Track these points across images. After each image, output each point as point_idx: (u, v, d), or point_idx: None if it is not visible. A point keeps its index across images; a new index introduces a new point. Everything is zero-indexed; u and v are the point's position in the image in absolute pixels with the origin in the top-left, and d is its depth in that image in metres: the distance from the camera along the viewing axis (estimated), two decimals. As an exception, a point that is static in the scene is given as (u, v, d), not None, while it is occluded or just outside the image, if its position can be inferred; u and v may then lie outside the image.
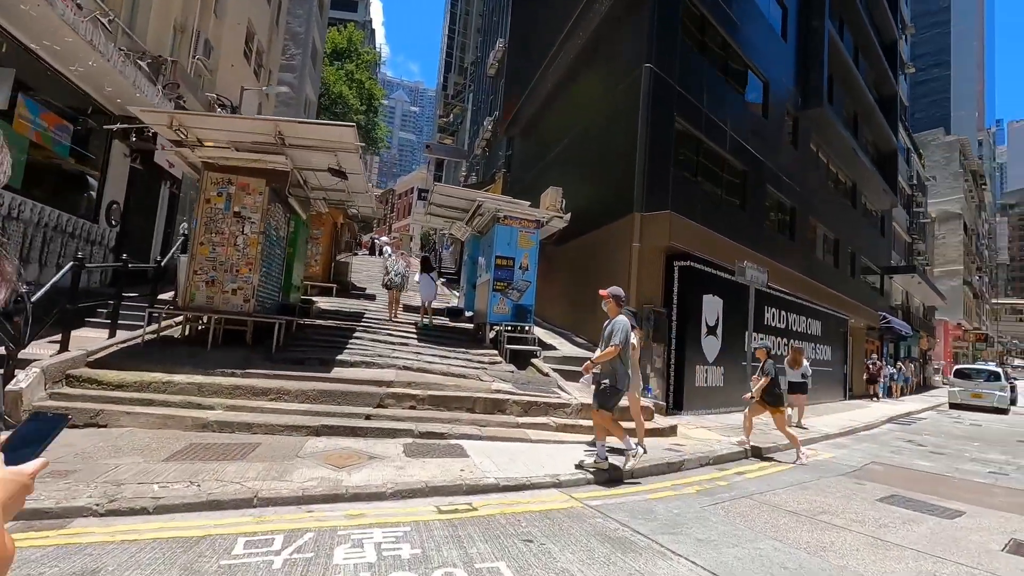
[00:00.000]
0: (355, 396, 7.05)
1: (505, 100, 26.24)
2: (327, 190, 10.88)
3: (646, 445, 7.33)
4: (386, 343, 10.06)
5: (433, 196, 11.70)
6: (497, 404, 7.45)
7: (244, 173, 8.76)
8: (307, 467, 5.00)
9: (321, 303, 13.72)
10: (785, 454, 8.38)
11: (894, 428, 14.37)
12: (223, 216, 8.73)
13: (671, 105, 12.12)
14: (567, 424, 7.41)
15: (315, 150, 8.61)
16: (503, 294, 11.22)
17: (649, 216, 11.21)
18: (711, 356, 12.10)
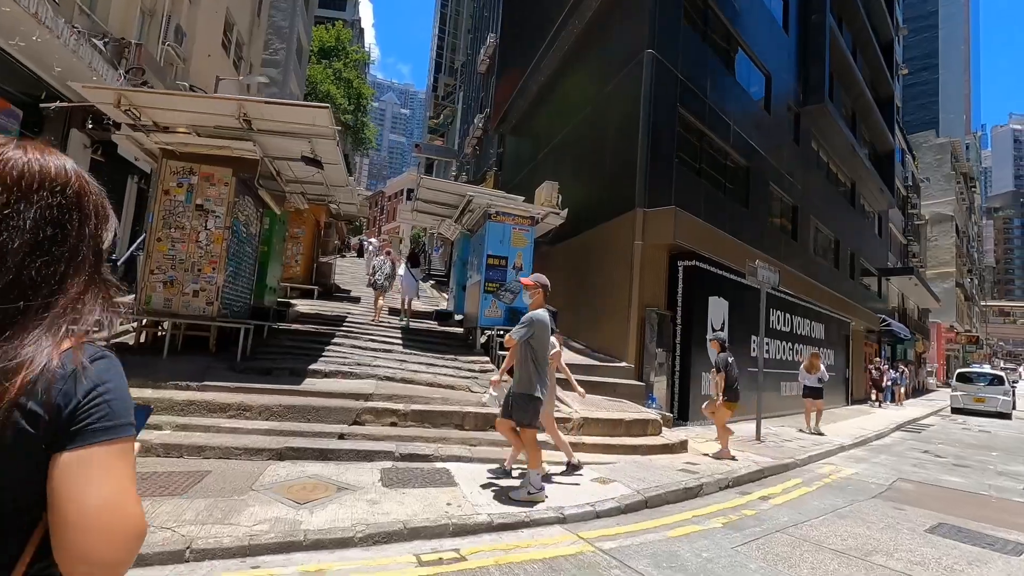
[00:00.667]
0: (328, 412, 6.19)
1: (496, 96, 25.47)
2: (304, 183, 10.00)
3: (660, 464, 6.55)
4: (367, 350, 9.20)
5: (420, 191, 10.86)
6: (489, 420, 6.60)
7: (208, 162, 7.89)
8: (261, 503, 4.14)
9: (300, 306, 12.82)
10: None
11: (905, 437, 13.72)
12: (184, 209, 7.85)
13: (674, 94, 11.40)
14: (570, 442, 6.58)
15: (287, 136, 7.74)
16: (495, 296, 10.40)
17: (652, 212, 10.46)
18: (717, 362, 11.34)
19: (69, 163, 0.84)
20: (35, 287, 0.76)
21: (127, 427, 0.78)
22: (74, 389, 0.74)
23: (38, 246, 0.77)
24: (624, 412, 7.84)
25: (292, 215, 15.22)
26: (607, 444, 6.80)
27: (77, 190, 0.82)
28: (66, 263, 0.79)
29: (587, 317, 12.24)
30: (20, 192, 0.77)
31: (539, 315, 4.97)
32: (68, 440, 0.73)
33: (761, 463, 7.47)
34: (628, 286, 10.39)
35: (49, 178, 0.80)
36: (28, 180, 0.78)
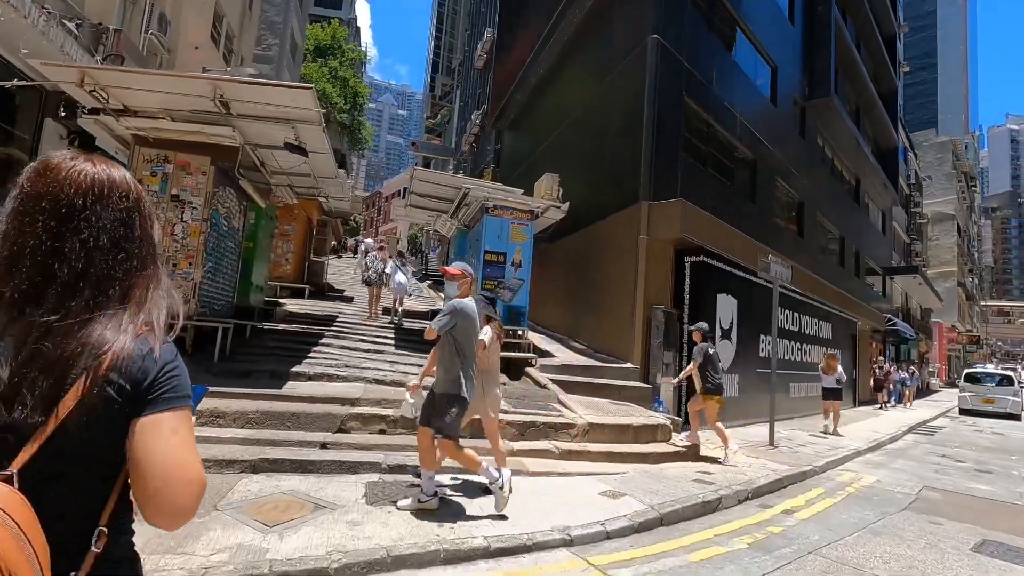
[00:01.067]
0: (310, 418, 5.65)
1: (493, 91, 24.95)
2: (290, 175, 9.47)
3: (672, 473, 6.02)
4: (357, 351, 8.66)
5: (414, 184, 10.33)
6: (487, 426, 6.07)
7: (184, 149, 7.37)
8: (224, 526, 3.60)
9: (290, 306, 12.28)
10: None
11: (919, 440, 13.23)
12: (158, 200, 7.30)
13: (679, 82, 10.89)
14: (572, 450, 6.06)
15: (268, 121, 7.20)
16: (493, 294, 9.87)
17: (658, 205, 9.94)
18: (726, 363, 10.83)
19: (127, 173, 0.98)
20: (112, 279, 0.90)
21: (188, 399, 0.93)
22: (150, 367, 0.89)
23: (114, 243, 0.91)
24: (631, 417, 7.32)
25: (282, 212, 14.71)
26: (614, 452, 6.28)
27: (137, 195, 0.98)
28: (136, 258, 0.94)
29: (589, 316, 11.72)
30: (94, 197, 0.91)
31: (464, 303, 4.28)
32: (146, 406, 0.88)
33: (779, 471, 6.95)
34: (632, 283, 9.87)
35: (116, 185, 0.95)
36: (100, 187, 0.93)
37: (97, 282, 0.88)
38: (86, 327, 0.85)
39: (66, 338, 0.83)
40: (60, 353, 0.82)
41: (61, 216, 0.88)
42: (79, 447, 0.83)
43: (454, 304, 4.27)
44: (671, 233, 9.73)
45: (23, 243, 0.86)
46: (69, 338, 0.84)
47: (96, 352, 0.83)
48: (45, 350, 0.82)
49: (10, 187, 0.90)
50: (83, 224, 0.88)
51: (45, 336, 0.83)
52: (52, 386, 0.81)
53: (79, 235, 0.88)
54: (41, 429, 0.79)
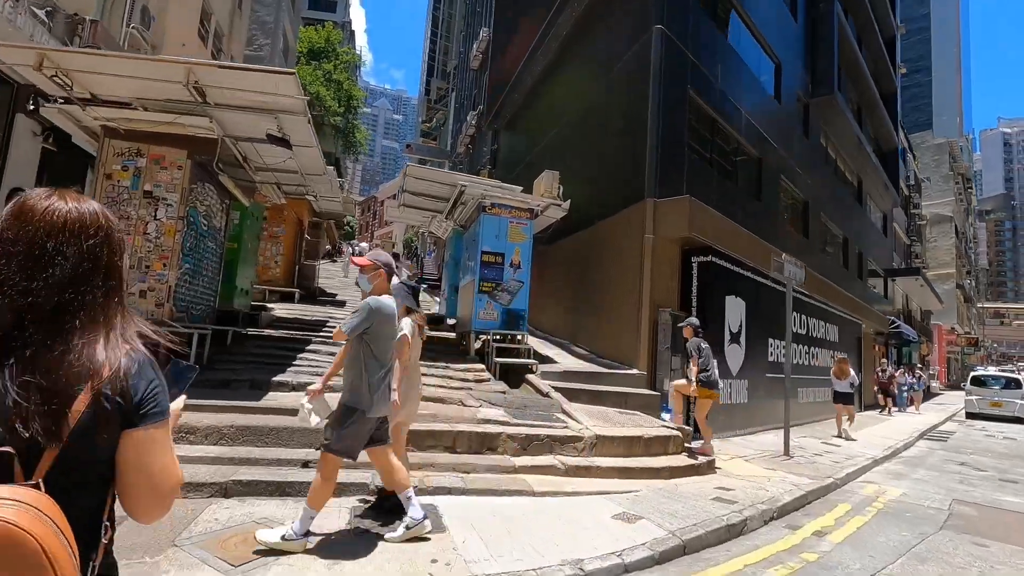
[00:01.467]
0: (291, 434, 5.12)
1: (490, 91, 24.50)
2: (276, 171, 8.95)
3: (688, 490, 5.51)
4: (347, 358, 8.12)
5: (407, 182, 9.82)
6: (486, 440, 5.56)
7: (158, 141, 6.85)
8: (180, 567, 3.07)
9: (278, 310, 11.76)
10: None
11: (932, 446, 12.76)
12: (129, 196, 6.78)
13: (684, 75, 10.44)
14: (580, 465, 5.54)
15: (249, 111, 6.70)
16: (491, 297, 9.39)
17: (664, 203, 9.46)
18: (735, 368, 10.36)
19: (97, 206, 1.06)
20: (83, 304, 0.99)
21: (167, 410, 1.06)
22: (139, 383, 1.00)
23: (81, 276, 0.99)
24: (641, 428, 6.81)
25: (271, 213, 14.20)
26: (625, 467, 5.76)
27: (106, 231, 1.05)
28: (103, 290, 1.02)
29: (591, 320, 11.23)
30: (64, 236, 0.99)
31: (380, 301, 3.65)
32: (138, 421, 0.99)
33: (801, 485, 6.45)
34: (637, 284, 9.38)
35: (85, 223, 1.02)
36: (71, 226, 1.00)
37: (72, 312, 0.97)
38: (72, 354, 0.94)
39: (53, 369, 0.92)
40: (52, 384, 0.91)
41: (33, 257, 0.96)
42: (85, 457, 0.95)
43: (369, 303, 3.64)
44: (678, 231, 9.24)
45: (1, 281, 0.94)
46: (57, 368, 0.92)
47: (87, 375, 0.94)
48: (35, 382, 0.90)
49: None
50: (49, 262, 0.97)
51: (33, 368, 0.91)
52: (53, 412, 0.90)
53: (51, 272, 0.96)
54: (51, 447, 0.90)
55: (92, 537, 0.97)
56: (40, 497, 0.84)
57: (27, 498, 0.83)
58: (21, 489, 0.84)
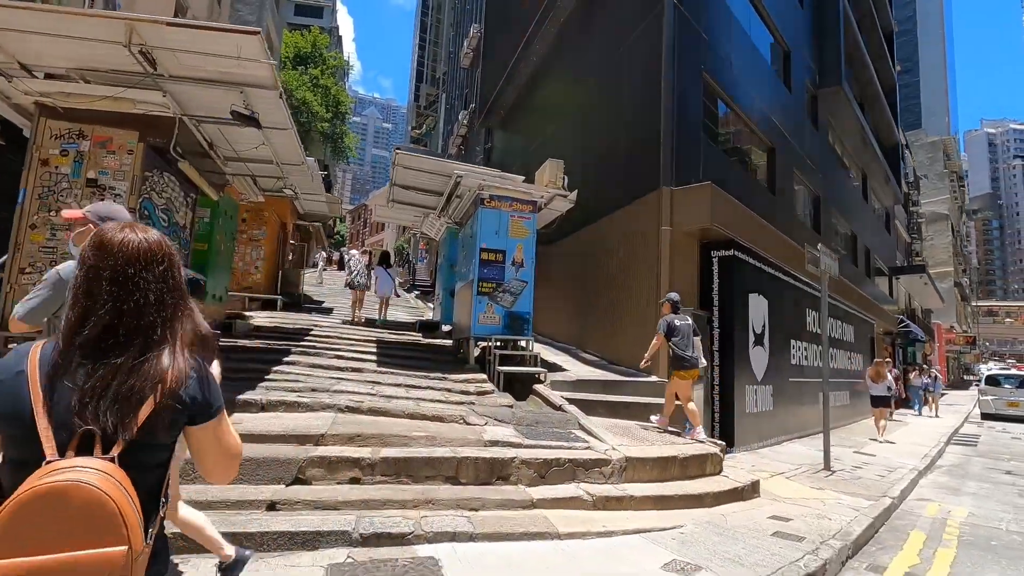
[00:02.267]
0: (255, 466, 4.12)
1: (482, 88, 23.63)
2: (249, 162, 7.97)
3: (740, 523, 4.55)
4: (329, 369, 7.13)
5: (397, 172, 8.87)
6: (496, 467, 4.59)
7: (103, 121, 5.87)
8: None
9: (258, 319, 10.74)
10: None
11: (967, 452, 11.94)
12: (69, 186, 5.79)
13: (698, 55, 9.61)
14: (610, 496, 4.58)
15: (210, 84, 5.74)
16: (491, 299, 8.43)
17: (682, 191, 8.57)
18: (759, 373, 9.45)
19: (158, 235, 1.24)
20: (157, 322, 1.17)
21: (222, 406, 1.26)
22: (201, 386, 1.20)
23: (158, 297, 1.17)
24: (674, 444, 5.87)
25: (251, 216, 13.22)
26: (662, 496, 4.81)
27: (169, 255, 1.23)
28: (172, 306, 1.20)
29: (599, 323, 10.29)
30: (141, 265, 1.17)
31: (70, 269, 2.42)
32: (201, 418, 1.20)
33: (861, 509, 5.53)
34: (654, 282, 8.48)
35: (154, 252, 1.20)
36: (144, 256, 1.18)
37: (147, 328, 1.15)
38: (145, 364, 1.12)
39: (130, 375, 1.10)
40: (131, 385, 1.09)
41: (117, 283, 1.14)
42: (152, 443, 1.12)
43: (58, 271, 2.47)
44: (698, 222, 8.35)
45: (91, 305, 1.13)
46: (132, 375, 1.10)
47: (159, 378, 1.12)
48: (116, 383, 1.08)
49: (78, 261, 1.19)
50: (133, 287, 1.15)
51: (114, 375, 1.09)
52: (130, 407, 1.08)
53: (132, 296, 1.14)
54: (126, 434, 1.06)
55: (152, 509, 1.12)
56: (115, 468, 1.02)
57: (105, 468, 1.01)
58: (100, 462, 1.02)
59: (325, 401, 5.47)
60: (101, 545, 0.93)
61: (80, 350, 1.09)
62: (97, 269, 1.13)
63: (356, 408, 5.41)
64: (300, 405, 5.33)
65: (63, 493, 0.94)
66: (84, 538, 0.93)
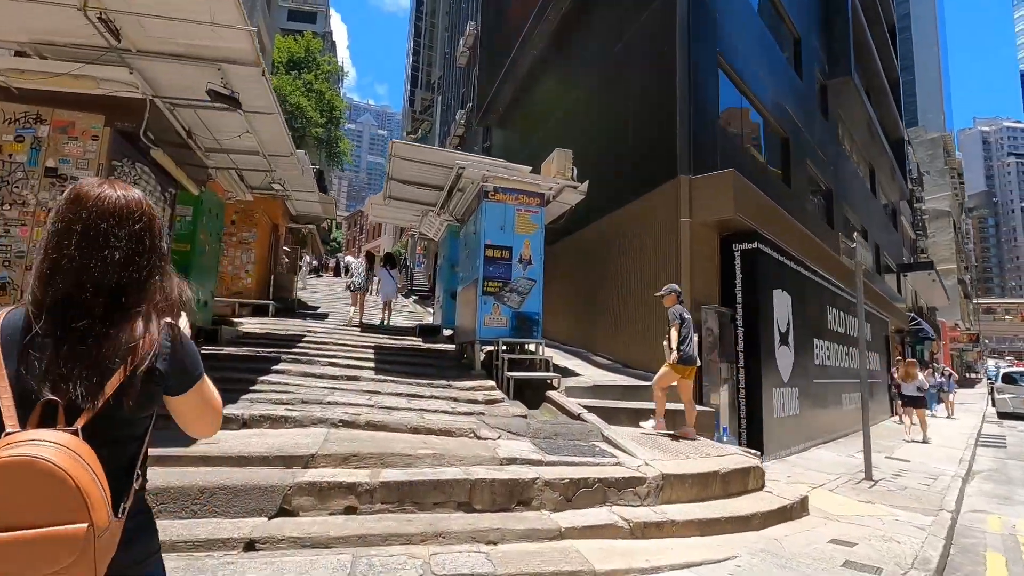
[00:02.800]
0: (233, 495, 3.47)
1: (480, 85, 23.06)
2: (233, 153, 7.34)
3: (800, 549, 3.91)
4: (323, 378, 6.48)
5: (393, 165, 8.23)
6: (515, 489, 3.94)
7: (64, 104, 5.24)
8: None
9: (247, 325, 10.09)
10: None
11: (998, 455, 11.36)
12: (25, 175, 5.15)
13: (713, 35, 9.04)
14: (649, 522, 3.94)
15: (184, 60, 5.12)
16: (497, 299, 7.80)
17: (702, 180, 7.96)
18: (785, 374, 8.83)
19: (140, 194, 1.17)
20: (128, 285, 1.09)
21: (201, 372, 1.19)
22: (176, 355, 1.11)
23: (129, 258, 1.10)
24: (709, 457, 5.23)
25: (240, 217, 12.58)
26: (706, 519, 4.16)
27: (148, 215, 1.16)
28: (146, 269, 1.12)
29: (611, 324, 9.65)
30: (115, 221, 1.10)
31: None
32: (182, 387, 1.14)
33: (924, 527, 4.90)
34: (673, 278, 7.84)
35: (131, 208, 1.13)
36: (119, 212, 1.11)
37: (117, 291, 1.08)
38: (117, 327, 1.05)
39: (101, 339, 1.03)
40: (98, 352, 1.02)
41: (88, 238, 1.07)
42: (122, 415, 1.05)
43: None
44: (721, 212, 7.74)
45: (59, 259, 1.05)
46: (103, 339, 1.04)
47: (129, 347, 1.04)
48: (83, 350, 1.02)
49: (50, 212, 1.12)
50: (103, 242, 1.07)
51: (80, 341, 1.03)
52: (97, 376, 1.01)
53: (102, 252, 1.07)
54: (91, 405, 1.00)
55: (125, 482, 1.06)
56: (77, 442, 0.95)
57: (65, 441, 0.94)
58: (61, 434, 0.95)
59: (316, 415, 4.81)
60: (59, 523, 0.88)
61: (47, 315, 1.04)
62: (69, 223, 1.08)
63: (352, 422, 4.75)
64: (288, 420, 4.67)
65: (16, 467, 0.89)
66: (40, 515, 0.88)
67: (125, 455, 1.08)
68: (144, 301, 1.10)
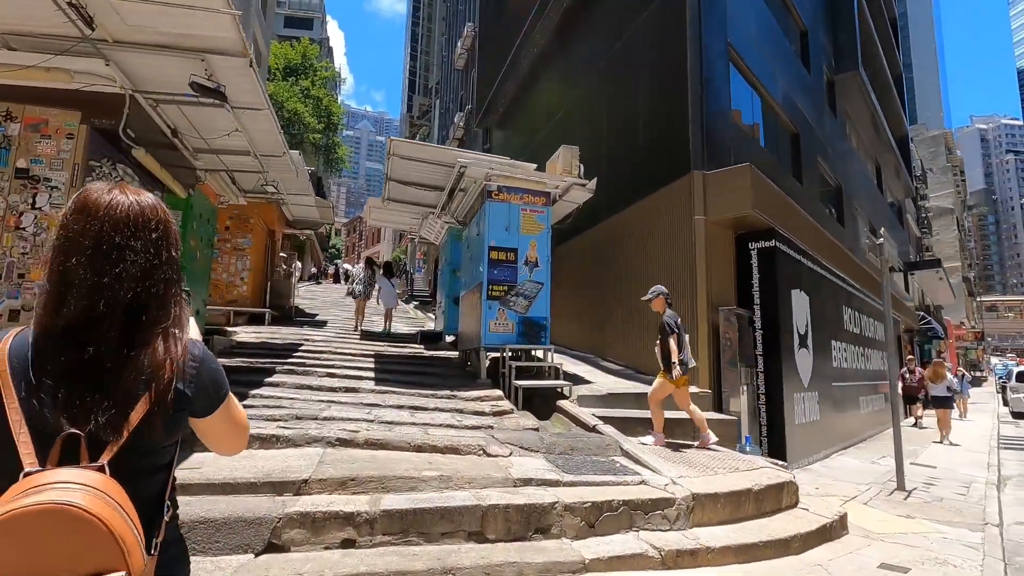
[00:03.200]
0: (214, 529, 3.07)
1: (479, 87, 22.73)
2: (223, 153, 6.97)
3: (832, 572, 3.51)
4: (320, 390, 6.08)
5: (392, 164, 7.86)
6: (532, 515, 3.54)
7: (36, 99, 4.88)
8: None
9: (242, 334, 9.70)
10: None
11: (1022, 458, 10.92)
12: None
13: (724, 23, 8.68)
14: (682, 550, 3.53)
15: (165, 51, 4.75)
16: (502, 303, 7.42)
17: (717, 175, 7.59)
18: (805, 378, 8.43)
19: (154, 199, 1.06)
20: (149, 302, 0.99)
21: (227, 390, 1.10)
22: (203, 376, 1.03)
23: (147, 271, 0.98)
24: (738, 471, 4.82)
25: (235, 223, 12.23)
26: (743, 545, 3.76)
27: (166, 223, 1.05)
28: (166, 283, 1.02)
29: (621, 328, 9.27)
30: (130, 232, 0.98)
31: None
32: (208, 409, 1.06)
33: (975, 545, 4.51)
34: (689, 279, 7.48)
35: (147, 216, 1.02)
36: (134, 221, 0.99)
37: (137, 309, 0.97)
38: (137, 349, 0.95)
39: (121, 364, 0.94)
40: (119, 379, 0.93)
41: (101, 252, 0.95)
42: (149, 446, 0.96)
43: None
44: (737, 209, 7.35)
45: (68, 278, 0.95)
46: (123, 364, 0.94)
47: (153, 371, 0.95)
48: (103, 377, 0.93)
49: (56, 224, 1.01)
50: (119, 257, 0.96)
51: (99, 368, 0.93)
52: (120, 406, 0.92)
53: (117, 267, 0.96)
54: (116, 437, 0.91)
55: (155, 516, 0.98)
56: (106, 481, 0.87)
57: (93, 482, 0.85)
58: (88, 473, 0.87)
59: (311, 433, 4.41)
60: (95, 572, 0.80)
61: (59, 339, 0.94)
62: (77, 236, 0.96)
63: (350, 440, 4.35)
64: (280, 439, 4.27)
65: (47, 515, 0.80)
66: (76, 565, 0.80)
67: (154, 487, 1.01)
68: (164, 318, 1.01)
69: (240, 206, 11.42)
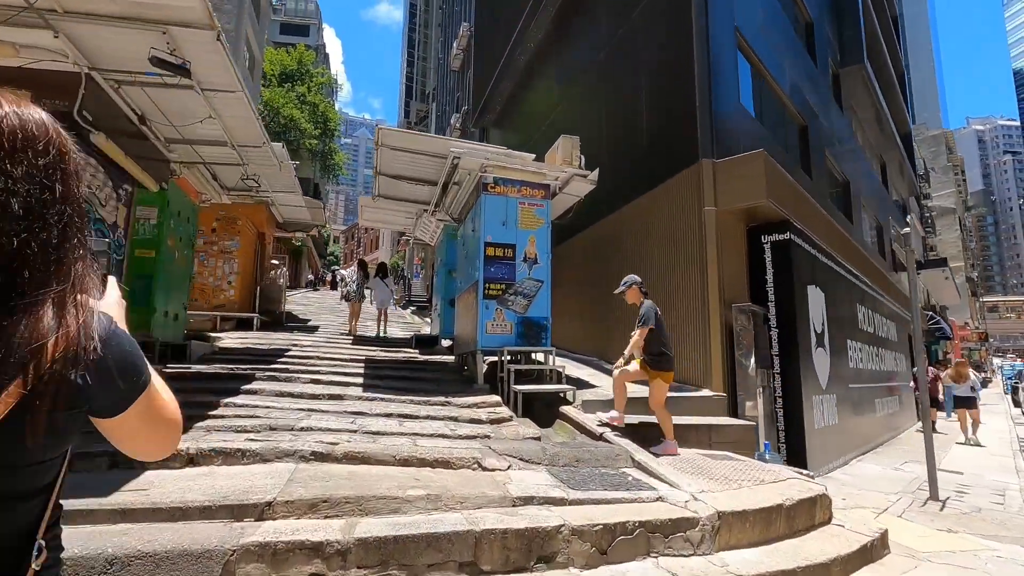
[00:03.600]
0: (156, 565, 2.56)
1: (475, 87, 22.32)
2: (198, 143, 6.50)
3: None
4: (301, 397, 5.58)
5: (382, 156, 7.38)
6: (534, 541, 3.03)
7: (-20, 78, 4.37)
8: None
9: (228, 340, 9.22)
10: None
11: (1052, 462, 10.39)
12: (-69, 163, 4.26)
13: (731, 12, 8.24)
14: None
15: (120, 22, 4.28)
16: (500, 303, 6.94)
17: (728, 163, 7.12)
18: (823, 379, 7.93)
19: (46, 116, 0.77)
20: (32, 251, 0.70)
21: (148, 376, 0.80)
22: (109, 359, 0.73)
23: (31, 211, 0.70)
24: (764, 483, 4.31)
25: (222, 225, 11.75)
26: (778, 572, 3.24)
27: (60, 143, 0.77)
28: (60, 227, 0.73)
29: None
30: (5, 151, 0.68)
31: None
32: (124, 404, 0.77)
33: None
34: (699, 275, 6.99)
35: (31, 134, 0.72)
36: (11, 137, 0.69)
37: (14, 260, 0.68)
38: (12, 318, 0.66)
39: None
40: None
41: None
42: (16, 457, 0.68)
43: None
44: (749, 199, 6.87)
45: None
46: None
47: (31, 348, 0.66)
48: None
49: None
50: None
51: None
52: None
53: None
54: None
55: (14, 564, 0.72)
56: None
57: None
58: None
59: (283, 446, 3.90)
60: None
61: None
62: None
63: (326, 454, 3.84)
64: (246, 454, 3.76)
65: None
66: None
67: (18, 520, 0.71)
68: (55, 278, 0.71)
69: (227, 207, 10.98)
